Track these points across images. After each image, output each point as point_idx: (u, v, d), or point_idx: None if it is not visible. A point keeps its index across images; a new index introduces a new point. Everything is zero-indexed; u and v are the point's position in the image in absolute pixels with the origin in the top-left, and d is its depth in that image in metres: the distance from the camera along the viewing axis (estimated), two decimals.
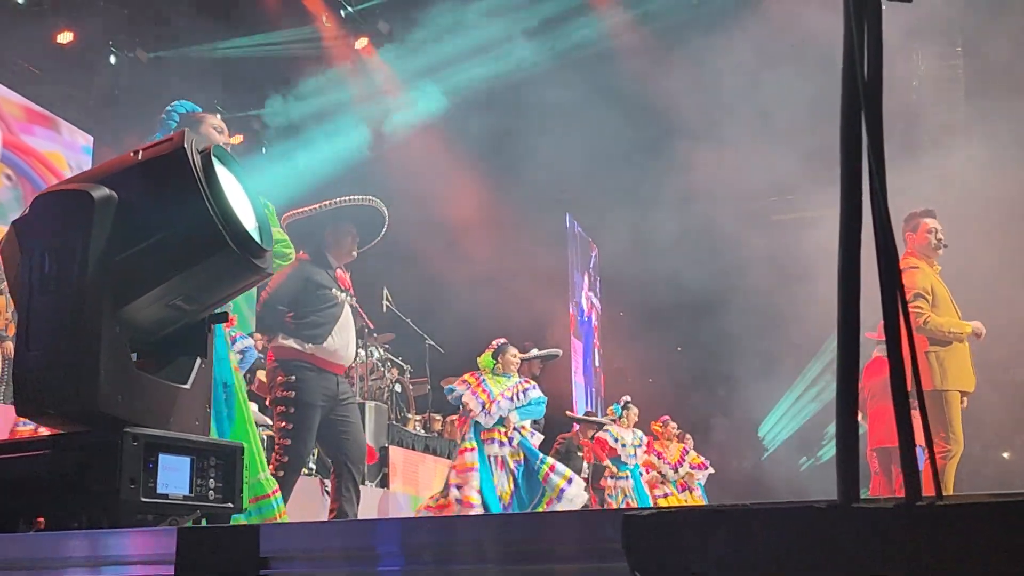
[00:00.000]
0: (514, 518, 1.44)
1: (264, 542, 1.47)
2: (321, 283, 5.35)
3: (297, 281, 5.26)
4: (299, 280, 5.27)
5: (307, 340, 5.23)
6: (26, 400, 1.80)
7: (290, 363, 5.21)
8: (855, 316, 1.23)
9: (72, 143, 12.36)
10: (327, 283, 5.37)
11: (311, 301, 5.30)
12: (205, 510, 1.91)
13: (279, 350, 5.28)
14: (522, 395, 7.61)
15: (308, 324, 5.25)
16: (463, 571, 1.40)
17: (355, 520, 3.81)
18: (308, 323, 5.25)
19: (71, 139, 12.37)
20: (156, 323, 1.96)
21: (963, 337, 5.76)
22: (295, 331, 5.25)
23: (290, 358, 5.21)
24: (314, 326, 5.26)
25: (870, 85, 1.26)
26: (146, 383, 1.91)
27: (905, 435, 1.19)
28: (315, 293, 5.32)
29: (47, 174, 11.71)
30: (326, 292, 5.34)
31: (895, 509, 1.09)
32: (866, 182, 1.24)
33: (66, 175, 11.77)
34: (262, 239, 1.99)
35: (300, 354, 5.22)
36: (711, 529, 1.16)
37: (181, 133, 1.88)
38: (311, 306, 5.29)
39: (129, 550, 1.60)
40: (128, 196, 1.84)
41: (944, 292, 5.95)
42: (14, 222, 1.94)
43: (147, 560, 1.56)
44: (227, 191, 1.90)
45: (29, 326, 1.80)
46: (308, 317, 5.27)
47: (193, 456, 1.90)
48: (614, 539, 1.22)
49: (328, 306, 5.33)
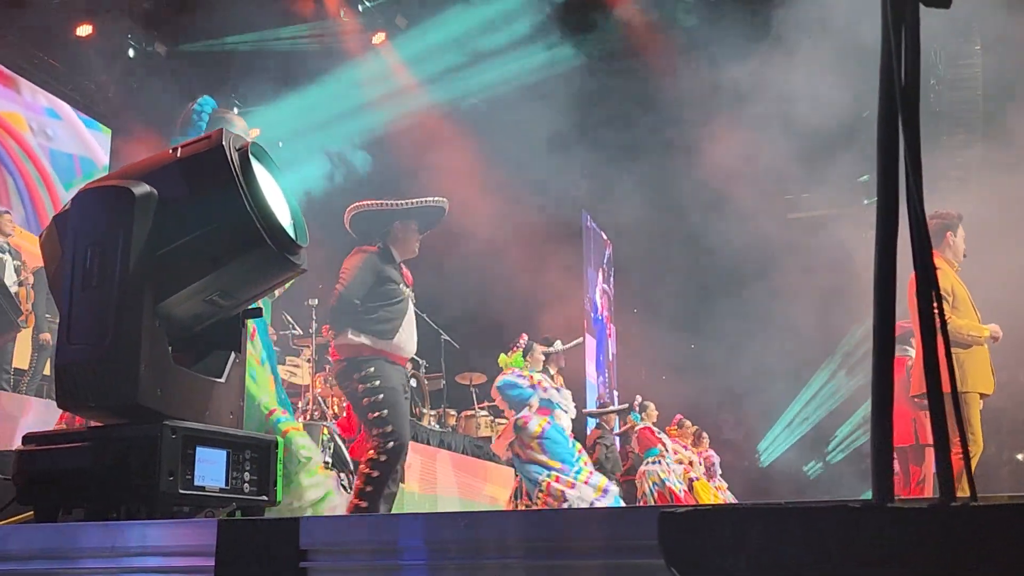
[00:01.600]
0: (541, 514, 1.46)
1: (304, 535, 1.50)
2: (391, 277, 5.37)
3: (370, 274, 5.29)
4: (372, 273, 5.30)
5: (378, 336, 5.25)
6: (67, 393, 1.83)
7: (364, 359, 5.21)
8: (891, 319, 1.24)
9: (33, 104, 12.16)
10: (396, 278, 5.40)
11: (380, 295, 5.32)
12: (240, 502, 1.94)
13: (350, 347, 5.28)
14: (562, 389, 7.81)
15: (378, 319, 5.27)
16: (491, 566, 1.42)
17: (395, 515, 3.85)
18: (377, 318, 5.27)
19: (32, 100, 12.16)
20: (193, 318, 2.00)
21: (981, 341, 5.76)
22: (367, 325, 5.26)
23: (364, 355, 5.22)
24: (384, 321, 5.27)
25: (907, 89, 1.27)
26: (183, 377, 1.95)
27: (940, 437, 1.21)
28: (385, 287, 5.34)
29: (3, 135, 11.59)
30: (395, 287, 5.37)
31: (930, 509, 1.10)
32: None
33: (26, 137, 11.80)
34: (297, 235, 2.02)
35: (373, 350, 5.23)
36: (746, 527, 1.17)
37: (219, 131, 1.91)
38: (380, 300, 5.32)
39: (170, 541, 1.63)
40: (168, 193, 1.87)
41: (964, 293, 5.94)
42: (55, 217, 1.98)
43: (188, 551, 1.59)
44: (264, 188, 1.93)
45: (71, 320, 1.83)
46: (378, 312, 5.29)
47: (229, 449, 1.93)
48: (645, 536, 1.24)
49: (397, 301, 5.36)
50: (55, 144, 12.35)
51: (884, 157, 1.26)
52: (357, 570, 1.51)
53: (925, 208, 1.24)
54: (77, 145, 12.71)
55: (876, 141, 1.28)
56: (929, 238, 1.22)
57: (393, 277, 5.38)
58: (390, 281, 5.36)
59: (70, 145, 12.60)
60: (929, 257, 1.21)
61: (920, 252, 1.22)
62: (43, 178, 12.07)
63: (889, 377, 1.23)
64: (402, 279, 5.45)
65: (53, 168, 12.21)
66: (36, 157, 12.04)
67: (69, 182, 12.21)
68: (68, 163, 12.50)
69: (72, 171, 12.47)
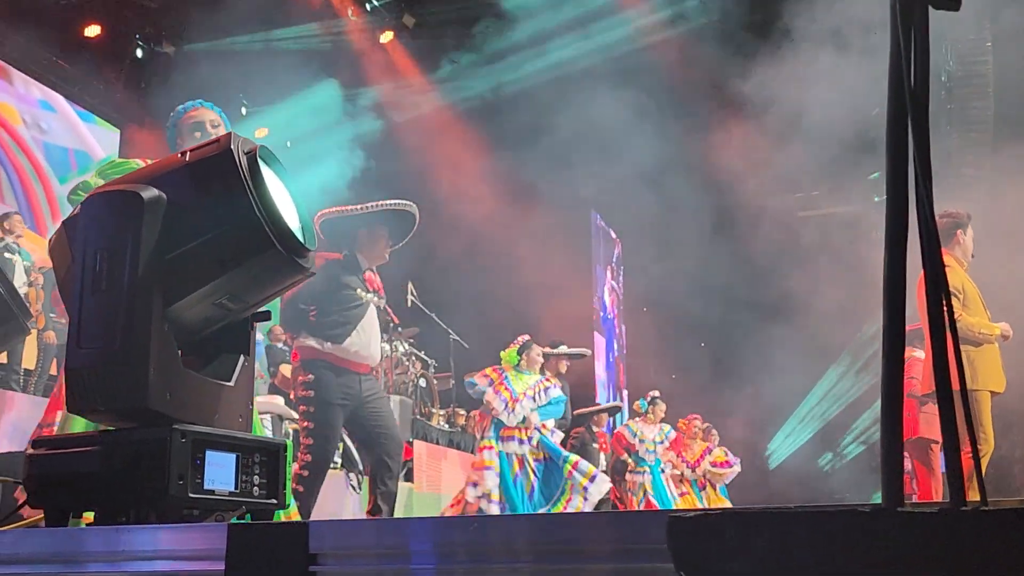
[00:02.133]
0: (550, 518, 1.46)
1: (314, 539, 1.50)
2: (347, 283, 5.38)
3: (322, 280, 5.28)
4: (324, 279, 5.28)
5: (327, 339, 5.27)
6: (77, 396, 1.84)
7: (310, 362, 5.26)
8: (901, 321, 1.24)
9: (26, 96, 11.97)
10: (353, 283, 5.40)
11: (335, 301, 5.33)
12: (250, 506, 1.94)
13: (301, 349, 5.35)
14: (543, 394, 7.59)
15: (329, 323, 5.30)
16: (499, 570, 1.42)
17: (405, 518, 3.85)
18: (329, 322, 5.30)
19: (25, 91, 11.97)
20: (202, 321, 2.00)
21: (992, 339, 5.74)
22: (317, 330, 5.29)
23: (310, 357, 5.27)
24: (335, 325, 5.29)
25: (917, 91, 1.27)
26: (192, 380, 1.95)
27: (950, 438, 1.21)
28: (340, 293, 5.35)
29: None
30: (351, 292, 5.37)
31: (940, 514, 1.10)
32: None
33: (19, 129, 11.63)
34: (305, 239, 2.02)
35: (319, 353, 5.25)
36: (756, 531, 1.17)
37: (228, 135, 1.92)
38: (334, 305, 5.33)
39: (179, 545, 1.63)
40: (176, 197, 1.88)
41: (975, 291, 5.93)
42: (64, 222, 1.99)
43: (198, 555, 1.59)
44: (272, 192, 1.94)
45: (80, 324, 1.83)
46: (330, 316, 5.31)
47: (239, 453, 1.94)
48: (654, 540, 1.24)
49: (352, 306, 5.36)
50: (49, 137, 12.12)
51: (893, 157, 1.26)
52: (366, 574, 1.51)
53: (935, 207, 1.24)
54: (72, 139, 12.48)
55: (885, 142, 1.28)
56: (938, 238, 1.22)
57: (351, 283, 5.39)
58: (346, 287, 5.37)
59: (65, 138, 12.37)
60: (938, 256, 1.21)
61: (929, 251, 1.22)
62: (37, 172, 11.86)
63: (899, 380, 1.22)
64: (362, 285, 5.44)
65: (48, 162, 11.99)
66: (30, 150, 11.82)
67: (64, 176, 11.98)
68: (63, 157, 12.26)
69: (67, 165, 12.24)
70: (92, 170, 5.46)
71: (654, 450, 11.06)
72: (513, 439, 7.36)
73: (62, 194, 11.66)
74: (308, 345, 5.29)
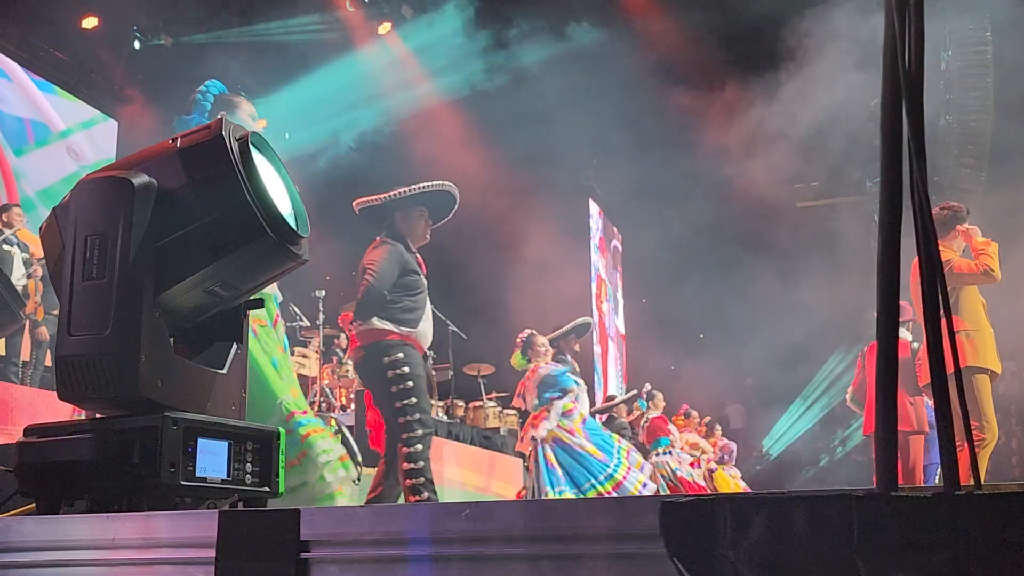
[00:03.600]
0: (544, 504, 1.45)
1: (304, 526, 1.49)
2: (412, 268, 5.38)
3: (396, 265, 5.29)
4: (398, 264, 5.30)
5: (403, 324, 5.27)
6: (68, 384, 1.83)
7: (391, 344, 5.23)
8: (895, 306, 1.23)
9: None
10: (416, 268, 5.41)
11: (404, 286, 5.33)
12: (242, 494, 1.93)
13: (373, 333, 5.29)
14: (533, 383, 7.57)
15: (403, 308, 5.29)
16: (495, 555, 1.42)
17: (398, 505, 3.86)
18: (403, 307, 5.29)
19: None
20: (194, 309, 1.99)
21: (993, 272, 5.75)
22: (392, 314, 5.28)
23: (391, 340, 5.24)
24: (408, 310, 5.31)
25: (911, 75, 1.25)
26: (184, 368, 1.94)
27: (944, 423, 1.20)
28: (408, 278, 5.35)
29: None
30: (416, 278, 5.39)
31: (934, 498, 1.09)
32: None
33: None
34: (298, 226, 2.01)
35: (399, 336, 5.24)
36: (749, 516, 1.17)
37: (219, 121, 1.90)
38: (405, 290, 5.33)
39: (171, 532, 1.62)
40: (167, 183, 1.86)
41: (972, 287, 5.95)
42: (54, 209, 1.97)
43: (189, 543, 1.59)
44: (264, 178, 1.92)
45: (71, 312, 1.82)
46: (402, 301, 5.30)
47: (231, 440, 1.93)
48: (649, 525, 1.23)
49: (419, 291, 5.39)
50: (4, 107, 11.62)
51: (888, 142, 1.25)
52: (359, 560, 1.50)
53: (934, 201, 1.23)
54: (29, 109, 11.97)
55: (879, 126, 1.27)
56: (933, 221, 1.21)
57: (414, 267, 5.41)
58: (412, 272, 5.38)
59: (21, 108, 11.85)
60: (933, 238, 1.20)
61: (923, 233, 1.21)
62: None
63: (894, 366, 1.22)
64: (420, 269, 5.46)
65: (2, 133, 11.53)
66: None
67: (20, 148, 11.63)
68: (19, 127, 11.78)
69: (23, 136, 11.80)
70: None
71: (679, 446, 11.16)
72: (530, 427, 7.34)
73: (18, 166, 11.38)
74: (385, 328, 5.25)
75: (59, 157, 12.13)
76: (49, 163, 11.94)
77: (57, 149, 12.20)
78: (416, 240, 5.52)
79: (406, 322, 5.28)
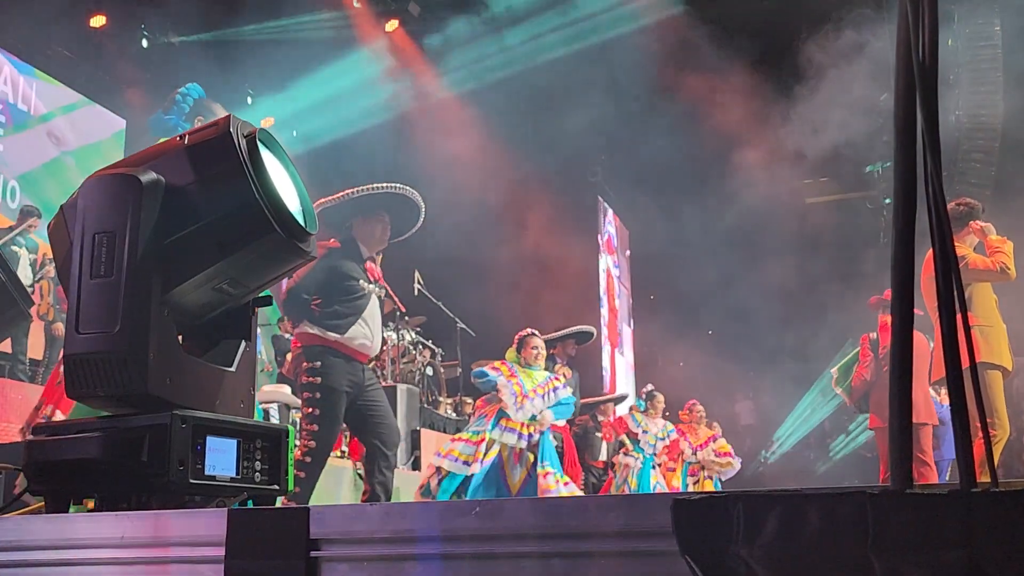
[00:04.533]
0: (555, 502, 1.44)
1: (314, 524, 1.49)
2: (348, 273, 5.33)
3: (324, 270, 5.25)
4: (326, 269, 5.26)
5: (330, 329, 5.24)
6: (77, 383, 1.83)
7: (314, 349, 5.23)
8: (909, 301, 1.22)
9: None
10: (355, 274, 5.36)
11: (338, 291, 5.30)
12: (251, 492, 1.93)
13: (304, 336, 5.31)
14: (552, 394, 7.48)
15: (332, 314, 5.26)
16: (506, 553, 1.41)
17: (408, 503, 3.85)
18: (332, 312, 5.26)
19: None
20: (202, 306, 1.99)
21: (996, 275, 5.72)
22: (319, 319, 5.26)
23: (314, 344, 5.24)
24: (338, 316, 5.26)
25: (925, 67, 1.24)
26: (193, 366, 1.94)
27: (960, 418, 1.18)
28: (342, 284, 5.31)
29: None
30: (353, 283, 5.33)
31: (950, 495, 1.08)
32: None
33: None
34: (306, 222, 2.00)
35: (324, 341, 5.23)
36: (762, 514, 1.15)
37: (227, 117, 1.90)
38: (337, 296, 5.29)
39: (180, 531, 1.62)
40: (175, 180, 1.86)
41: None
42: (62, 206, 1.97)
43: (198, 541, 1.58)
44: (272, 175, 1.92)
45: (79, 309, 1.82)
46: (333, 306, 5.27)
47: (240, 438, 1.92)
48: (661, 523, 1.22)
49: (354, 297, 5.33)
50: None
51: (902, 134, 1.24)
52: (369, 558, 1.49)
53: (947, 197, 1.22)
54: (8, 91, 11.63)
55: (893, 118, 1.25)
56: (947, 214, 1.20)
57: (351, 273, 5.34)
58: (348, 277, 5.33)
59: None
60: (948, 234, 1.19)
61: (938, 229, 1.20)
62: None
63: (909, 362, 1.20)
64: (364, 275, 5.40)
65: None
66: None
67: None
68: None
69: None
70: None
71: (654, 444, 11.00)
72: (514, 431, 7.27)
73: None
74: (312, 333, 5.27)
75: (39, 142, 11.92)
76: (29, 148, 11.76)
77: (37, 134, 12.00)
78: (372, 245, 5.49)
79: (333, 328, 5.24)
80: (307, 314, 5.29)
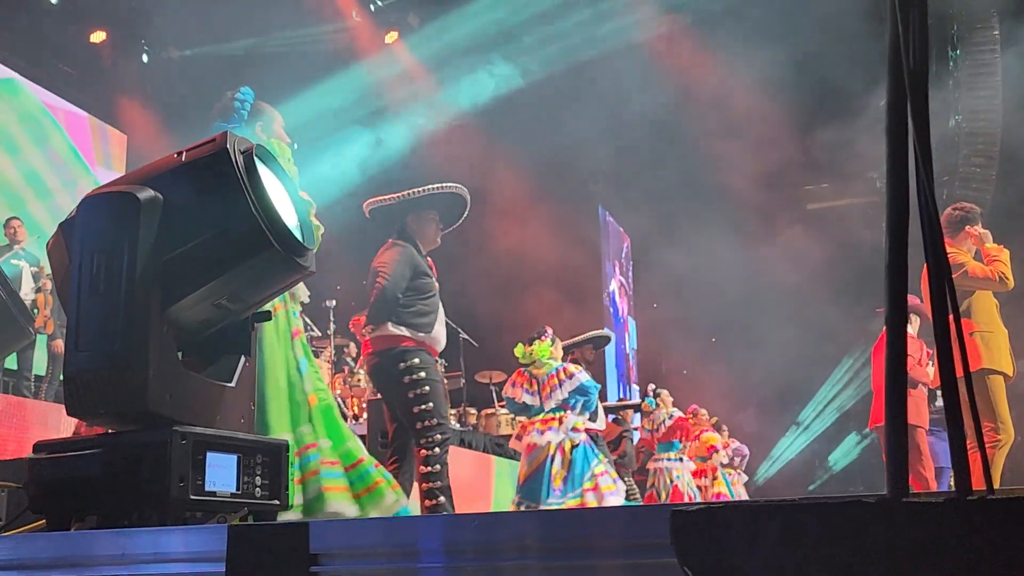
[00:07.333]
0: (557, 514, 1.44)
1: (314, 539, 1.49)
2: (424, 271, 5.25)
3: (408, 267, 5.17)
4: (409, 267, 5.17)
5: (419, 329, 5.14)
6: (77, 400, 1.83)
7: (406, 350, 5.11)
8: (903, 307, 1.22)
9: None
10: (428, 271, 5.28)
11: (416, 289, 5.20)
12: (252, 507, 1.93)
13: (388, 339, 5.16)
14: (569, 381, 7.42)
15: (416, 312, 5.16)
16: (508, 568, 1.41)
17: (410, 516, 3.79)
18: (416, 311, 5.16)
19: None
20: (202, 322, 1.99)
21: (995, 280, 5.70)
22: (404, 319, 5.14)
23: (405, 345, 5.12)
24: (421, 315, 5.16)
25: (916, 74, 1.24)
26: (193, 382, 1.94)
27: (955, 426, 1.18)
28: (420, 280, 5.21)
29: None
30: (428, 280, 5.25)
31: (946, 503, 1.08)
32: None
33: None
34: (304, 238, 2.00)
35: (413, 341, 5.12)
36: (761, 524, 1.15)
37: (224, 134, 1.90)
38: (417, 293, 5.21)
39: (181, 547, 1.62)
40: (173, 197, 1.86)
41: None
42: (61, 224, 1.97)
43: (199, 558, 1.58)
44: (269, 190, 1.92)
45: (79, 327, 1.82)
46: (415, 305, 5.18)
47: (240, 454, 1.92)
48: (662, 535, 1.22)
49: (431, 295, 5.24)
50: None
51: (893, 141, 1.24)
52: (370, 573, 1.49)
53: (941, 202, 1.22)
54: None
55: (885, 126, 1.26)
56: (939, 222, 1.20)
57: (426, 270, 5.27)
58: (424, 275, 5.25)
59: None
60: (940, 241, 1.19)
61: (930, 236, 1.20)
62: None
63: (903, 370, 1.20)
64: (431, 272, 5.38)
65: None
66: None
67: None
68: None
69: None
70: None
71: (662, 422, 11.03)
72: (550, 430, 7.21)
73: None
74: (399, 334, 5.14)
75: None
76: None
77: None
78: (427, 243, 5.42)
79: (420, 327, 5.15)
80: (393, 315, 5.18)
